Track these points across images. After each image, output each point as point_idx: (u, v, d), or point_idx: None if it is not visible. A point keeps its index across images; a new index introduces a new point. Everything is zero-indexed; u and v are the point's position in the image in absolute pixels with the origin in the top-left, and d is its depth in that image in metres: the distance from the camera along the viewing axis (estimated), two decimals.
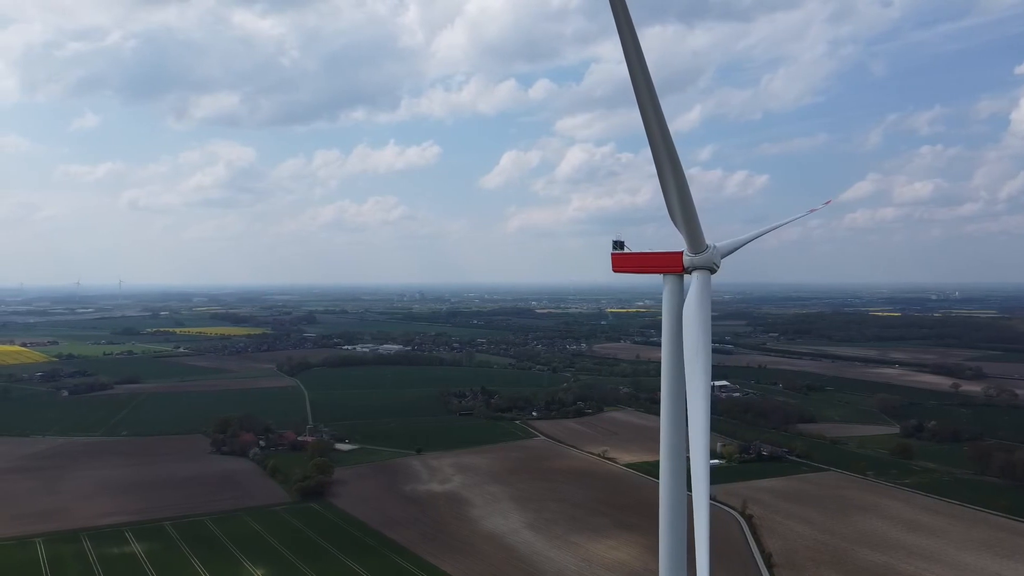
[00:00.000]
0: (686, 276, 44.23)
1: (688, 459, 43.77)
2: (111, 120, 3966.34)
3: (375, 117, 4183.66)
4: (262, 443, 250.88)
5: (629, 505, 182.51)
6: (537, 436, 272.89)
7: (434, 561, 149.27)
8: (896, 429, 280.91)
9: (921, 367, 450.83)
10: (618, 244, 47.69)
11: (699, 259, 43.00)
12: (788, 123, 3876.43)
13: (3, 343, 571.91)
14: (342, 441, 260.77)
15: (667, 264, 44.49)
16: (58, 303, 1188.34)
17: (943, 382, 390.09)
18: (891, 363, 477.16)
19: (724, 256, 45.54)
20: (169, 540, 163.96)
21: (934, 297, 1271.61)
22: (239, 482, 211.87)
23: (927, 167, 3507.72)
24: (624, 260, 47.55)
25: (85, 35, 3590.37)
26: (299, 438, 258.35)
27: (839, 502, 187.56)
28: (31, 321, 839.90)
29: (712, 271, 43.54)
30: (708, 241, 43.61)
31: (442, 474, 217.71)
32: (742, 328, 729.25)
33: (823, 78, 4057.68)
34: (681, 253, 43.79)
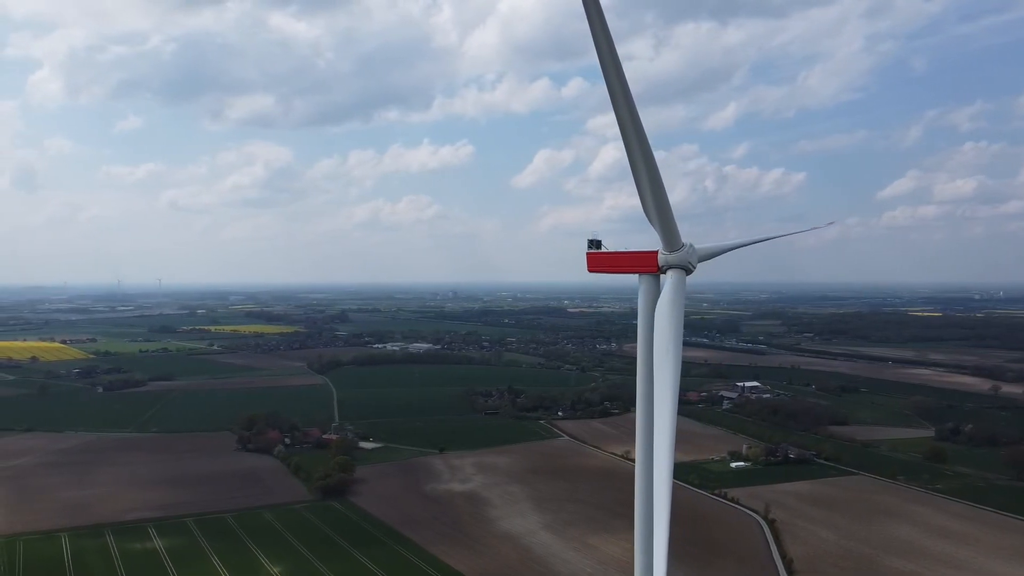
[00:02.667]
0: (662, 276, 42.69)
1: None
2: (151, 122, 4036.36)
3: (408, 117, 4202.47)
4: (287, 441, 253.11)
5: None
6: (561, 436, 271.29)
7: (449, 561, 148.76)
8: (931, 432, 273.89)
9: (960, 368, 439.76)
10: (594, 243, 46.19)
11: (673, 257, 41.44)
12: (825, 120, 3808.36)
13: (44, 340, 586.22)
14: (366, 439, 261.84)
15: (642, 263, 42.98)
16: (99, 301, 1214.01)
17: (982, 384, 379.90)
18: (929, 364, 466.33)
19: (702, 260, 43.89)
20: (190, 536, 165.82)
21: (977, 297, 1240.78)
22: (262, 479, 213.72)
23: (969, 164, 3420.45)
24: (599, 260, 46.09)
25: (126, 39, 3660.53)
26: (324, 436, 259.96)
27: (866, 507, 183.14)
28: (73, 319, 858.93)
29: (688, 271, 41.92)
30: (685, 240, 42.10)
31: (463, 473, 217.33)
32: (776, 328, 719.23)
33: (861, 74, 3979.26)
34: (656, 252, 42.27)
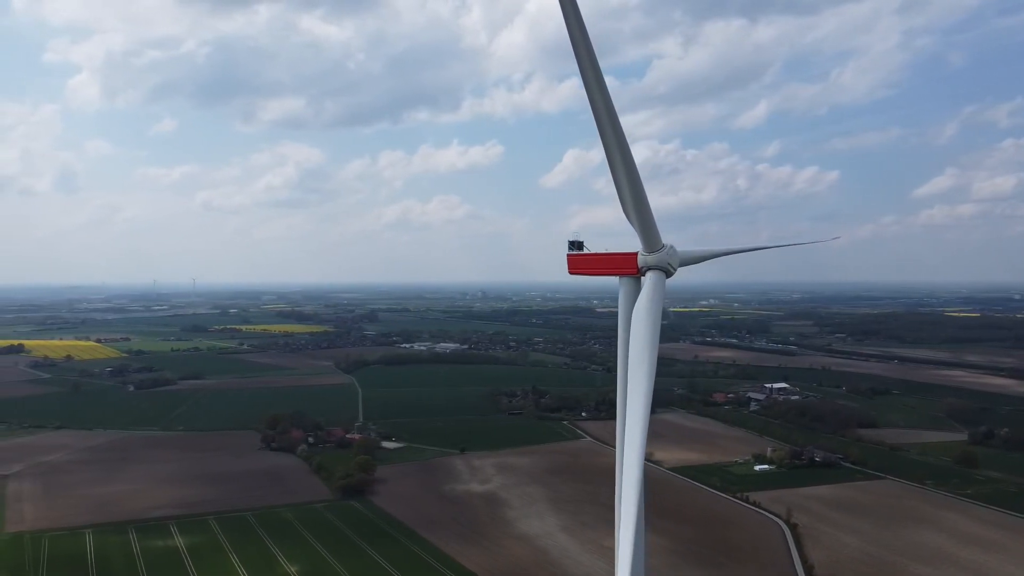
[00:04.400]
0: (642, 279, 41.69)
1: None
2: (186, 124, 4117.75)
3: (438, 118, 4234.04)
4: (311, 440, 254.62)
5: (668, 509, 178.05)
6: (584, 437, 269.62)
7: (464, 562, 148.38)
8: (964, 436, 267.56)
9: (997, 370, 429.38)
10: (575, 244, 45.29)
11: (652, 258, 40.56)
12: (859, 117, 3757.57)
13: (80, 339, 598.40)
14: (389, 439, 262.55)
15: (622, 265, 42.07)
16: (135, 300, 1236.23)
17: (1020, 386, 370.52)
18: (964, 366, 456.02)
19: (685, 264, 42.94)
20: (211, 534, 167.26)
21: (1017, 297, 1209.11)
22: (284, 478, 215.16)
23: (1009, 161, 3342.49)
24: (579, 261, 45.30)
25: (161, 44, 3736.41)
26: (347, 435, 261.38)
27: (892, 512, 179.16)
28: (109, 318, 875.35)
29: (668, 273, 40.89)
30: (666, 241, 41.18)
31: (483, 474, 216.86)
32: (808, 328, 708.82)
33: (895, 70, 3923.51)
34: (636, 254, 41.35)
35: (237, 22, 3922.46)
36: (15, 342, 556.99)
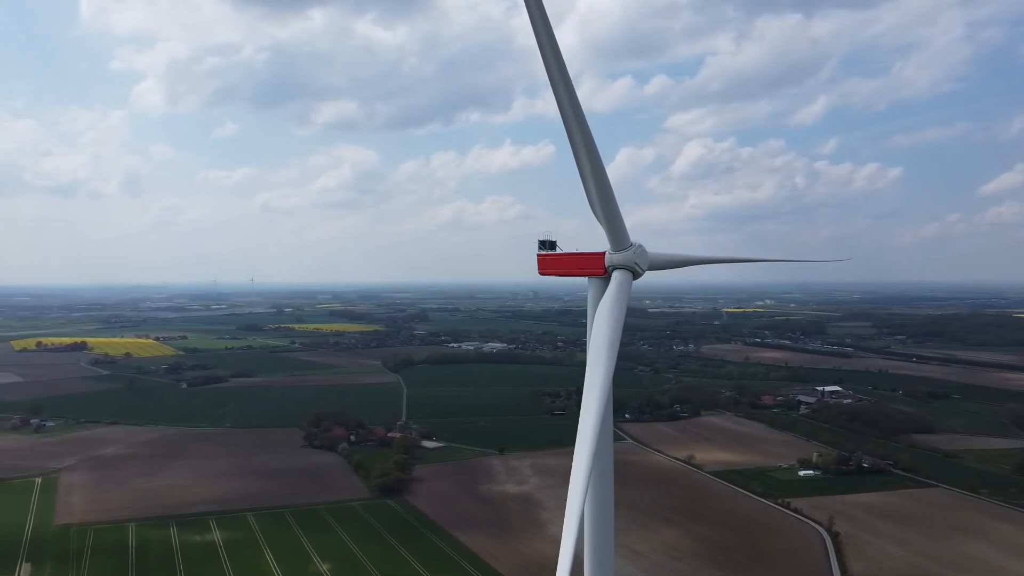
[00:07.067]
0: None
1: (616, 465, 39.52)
2: (245, 128, 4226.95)
3: (490, 118, 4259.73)
4: (352, 438, 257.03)
5: (704, 514, 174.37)
6: (624, 439, 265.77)
7: (493, 563, 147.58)
8: None
9: None
10: (546, 244, 43.56)
11: (618, 257, 38.71)
12: (923, 112, 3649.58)
13: (139, 337, 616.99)
14: (429, 438, 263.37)
15: (589, 265, 40.32)
16: (195, 300, 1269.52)
17: None
18: None
19: (656, 268, 40.99)
20: (248, 530, 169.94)
21: None
22: (324, 476, 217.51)
23: None
24: (549, 262, 43.58)
25: (220, 50, 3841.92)
26: (388, 434, 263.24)
27: (941, 522, 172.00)
28: (169, 317, 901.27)
29: (635, 273, 38.99)
30: (635, 240, 39.37)
31: (520, 475, 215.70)
32: (866, 330, 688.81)
33: (961, 63, 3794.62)
34: (604, 254, 39.60)
35: (292, 28, 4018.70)
36: (79, 340, 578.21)
